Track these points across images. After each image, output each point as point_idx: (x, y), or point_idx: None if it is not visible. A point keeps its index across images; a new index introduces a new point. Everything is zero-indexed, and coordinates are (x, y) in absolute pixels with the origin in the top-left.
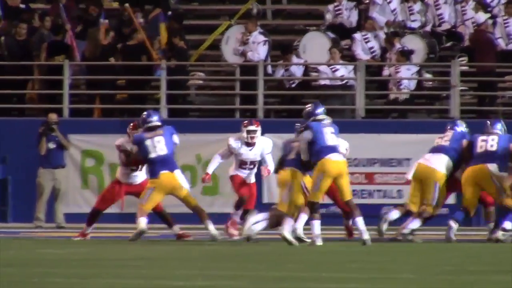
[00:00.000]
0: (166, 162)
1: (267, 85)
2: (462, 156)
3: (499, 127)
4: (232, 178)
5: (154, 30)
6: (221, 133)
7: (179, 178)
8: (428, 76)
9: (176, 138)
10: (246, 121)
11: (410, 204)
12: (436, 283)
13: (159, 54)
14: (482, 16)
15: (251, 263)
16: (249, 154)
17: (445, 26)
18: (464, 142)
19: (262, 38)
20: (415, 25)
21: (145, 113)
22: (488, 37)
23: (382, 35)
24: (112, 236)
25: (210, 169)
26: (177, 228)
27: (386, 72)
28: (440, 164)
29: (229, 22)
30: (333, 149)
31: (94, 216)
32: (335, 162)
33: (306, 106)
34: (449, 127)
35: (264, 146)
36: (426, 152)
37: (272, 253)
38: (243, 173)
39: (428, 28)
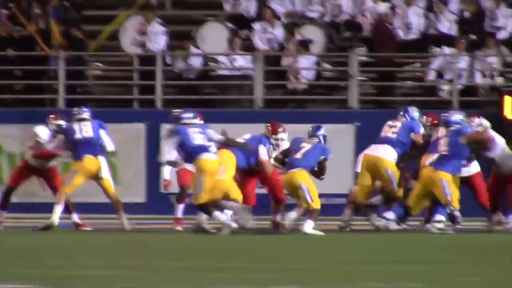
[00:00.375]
0: (91, 146)
1: (166, 76)
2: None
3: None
4: (180, 172)
5: (52, 20)
6: (119, 123)
7: (102, 164)
8: (327, 66)
9: (107, 140)
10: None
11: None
12: (332, 273)
13: (55, 44)
14: (381, 6)
15: (151, 253)
16: None
17: (344, 16)
18: (413, 135)
19: (161, 28)
20: (314, 15)
21: (75, 108)
22: (388, 27)
23: (281, 25)
24: (12, 226)
25: (166, 175)
26: (75, 217)
27: (285, 62)
28: (387, 153)
29: (128, 12)
30: (203, 149)
31: (7, 197)
32: (207, 161)
33: (176, 110)
34: (401, 114)
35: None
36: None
37: (173, 243)
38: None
39: (327, 18)
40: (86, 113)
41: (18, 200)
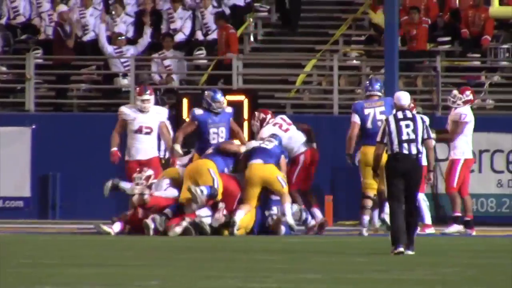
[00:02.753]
0: None
1: None
2: None
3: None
4: None
5: None
6: None
7: None
8: (3, 69)
9: None
10: None
11: None
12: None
13: None
14: (59, 8)
15: None
16: None
17: (20, 19)
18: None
19: None
20: None
21: None
22: (65, 29)
23: None
24: None
25: None
26: None
27: None
28: None
29: None
30: None
31: None
32: None
33: None
34: None
35: None
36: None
37: None
38: None
39: (3, 21)
40: None
41: None
